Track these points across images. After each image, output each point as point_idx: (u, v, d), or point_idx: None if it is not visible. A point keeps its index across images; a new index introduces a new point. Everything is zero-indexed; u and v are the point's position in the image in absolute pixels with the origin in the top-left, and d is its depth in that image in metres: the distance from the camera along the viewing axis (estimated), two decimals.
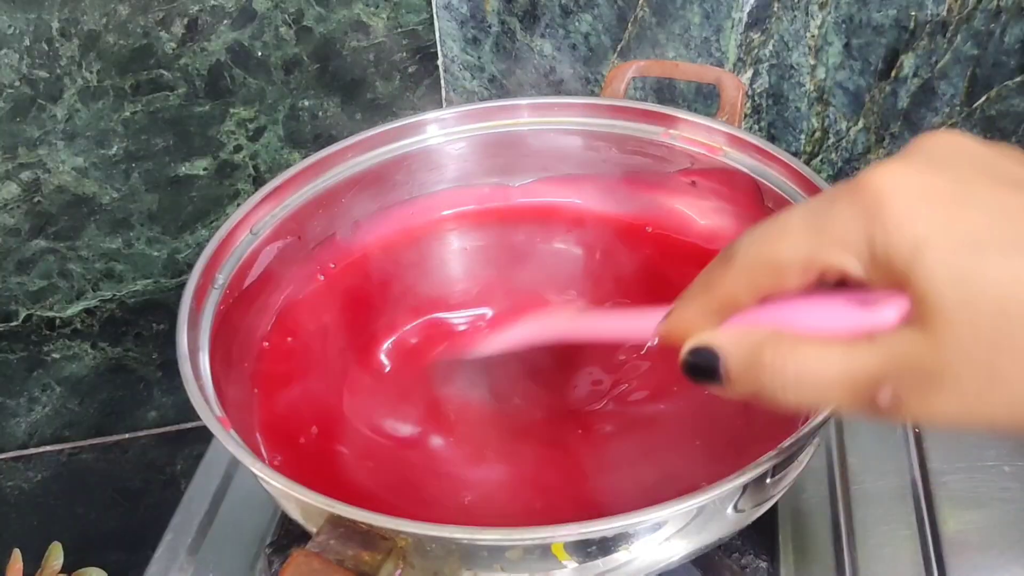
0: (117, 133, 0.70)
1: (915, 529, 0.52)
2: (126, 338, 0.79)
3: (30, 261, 0.73)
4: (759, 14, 0.69)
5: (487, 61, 0.74)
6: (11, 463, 0.81)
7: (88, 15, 0.65)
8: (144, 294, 0.77)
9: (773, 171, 0.55)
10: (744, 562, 0.48)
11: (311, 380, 0.53)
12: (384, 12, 0.70)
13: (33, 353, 0.77)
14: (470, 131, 0.62)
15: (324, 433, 0.50)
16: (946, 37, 0.69)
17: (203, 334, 0.48)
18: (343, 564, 0.35)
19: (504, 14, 0.71)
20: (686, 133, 0.58)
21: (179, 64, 0.69)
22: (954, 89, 0.71)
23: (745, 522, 0.42)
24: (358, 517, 0.37)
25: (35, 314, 0.75)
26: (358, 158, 0.59)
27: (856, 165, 0.76)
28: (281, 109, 0.72)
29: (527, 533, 0.37)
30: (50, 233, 0.72)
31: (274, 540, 0.54)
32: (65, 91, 0.67)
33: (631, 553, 0.39)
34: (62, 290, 0.75)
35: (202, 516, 0.57)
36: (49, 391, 0.79)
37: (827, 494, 0.55)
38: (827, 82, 0.72)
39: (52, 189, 0.71)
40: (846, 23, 0.69)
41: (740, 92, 0.58)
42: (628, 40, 0.71)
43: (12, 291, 0.74)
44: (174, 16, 0.67)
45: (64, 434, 0.82)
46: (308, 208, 0.57)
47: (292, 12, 0.68)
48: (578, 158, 0.62)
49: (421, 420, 0.50)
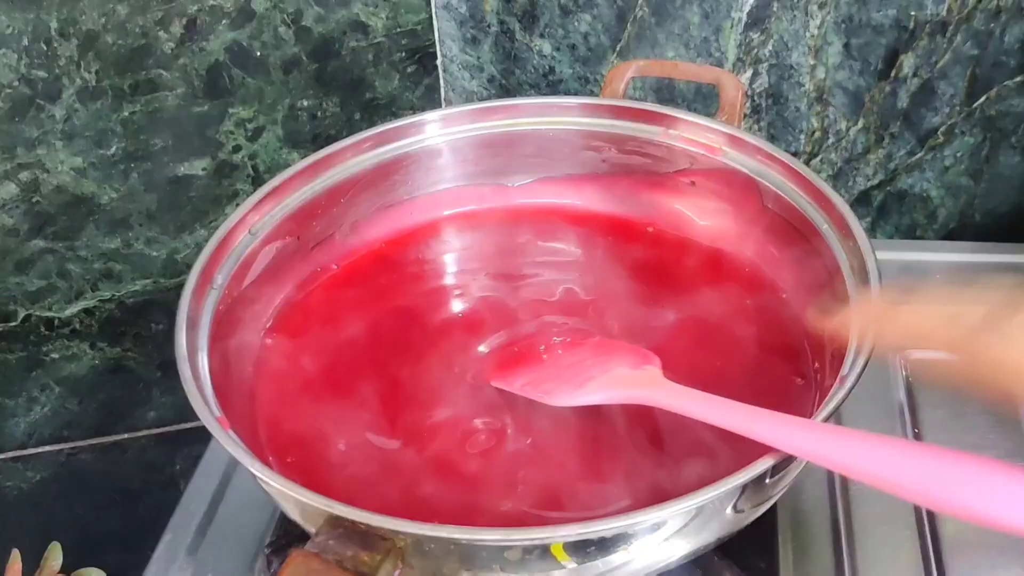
0: (116, 133, 0.70)
1: (915, 529, 0.52)
2: (125, 338, 0.79)
3: (29, 261, 0.73)
4: (758, 14, 0.69)
5: (486, 61, 0.73)
6: (10, 463, 0.81)
7: (86, 15, 0.65)
8: (143, 294, 0.77)
9: (772, 171, 0.55)
10: (744, 562, 0.48)
11: (311, 380, 0.53)
12: (383, 12, 0.70)
13: (32, 353, 0.77)
14: (469, 131, 0.62)
15: (325, 433, 0.50)
16: (946, 37, 0.69)
17: (202, 334, 0.48)
18: (342, 564, 0.35)
19: (503, 14, 0.71)
20: (685, 133, 0.58)
21: (178, 64, 0.69)
22: (954, 89, 0.71)
23: (744, 522, 0.42)
24: (357, 517, 0.37)
25: (34, 314, 0.75)
26: (357, 158, 0.59)
27: (856, 165, 0.76)
28: (280, 109, 0.72)
29: (526, 533, 0.37)
30: (49, 233, 0.72)
31: (273, 540, 0.54)
32: (64, 91, 0.67)
33: (630, 553, 0.39)
34: (61, 290, 0.75)
35: (201, 516, 0.57)
36: (48, 391, 0.79)
37: (827, 494, 0.54)
38: (827, 82, 0.72)
39: (51, 189, 0.71)
40: (846, 23, 0.69)
41: (739, 92, 0.58)
42: (627, 40, 0.71)
43: (11, 291, 0.74)
44: (172, 16, 0.67)
45: (63, 434, 0.82)
46: (307, 208, 0.57)
47: (291, 12, 0.68)
48: (577, 158, 0.62)
49: (422, 421, 0.50)
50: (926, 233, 0.79)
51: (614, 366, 0.48)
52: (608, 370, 0.48)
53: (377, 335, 0.56)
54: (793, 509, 0.54)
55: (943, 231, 0.78)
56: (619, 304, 0.56)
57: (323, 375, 0.53)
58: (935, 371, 0.38)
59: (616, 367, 0.48)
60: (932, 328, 0.38)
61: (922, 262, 0.71)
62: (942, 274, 0.70)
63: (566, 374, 0.49)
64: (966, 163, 0.75)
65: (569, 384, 0.48)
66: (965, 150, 0.74)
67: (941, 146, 0.74)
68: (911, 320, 0.40)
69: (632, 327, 0.54)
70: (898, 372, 0.62)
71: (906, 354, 0.63)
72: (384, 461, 0.48)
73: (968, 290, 0.37)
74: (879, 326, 0.42)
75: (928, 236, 0.79)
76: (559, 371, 0.49)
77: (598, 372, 0.48)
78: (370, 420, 0.50)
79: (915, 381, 0.61)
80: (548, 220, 0.63)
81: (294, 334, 0.56)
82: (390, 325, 0.56)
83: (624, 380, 0.47)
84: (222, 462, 0.60)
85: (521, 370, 0.51)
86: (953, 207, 0.77)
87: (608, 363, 0.49)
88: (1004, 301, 0.34)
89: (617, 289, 0.57)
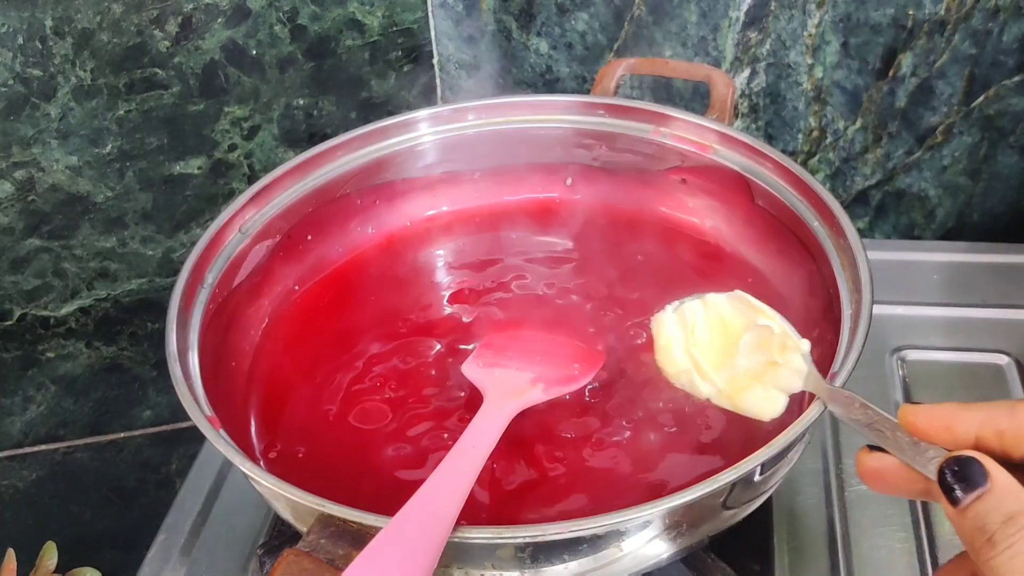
0: (111, 132, 0.70)
1: (910, 531, 0.52)
2: (121, 337, 0.79)
3: (24, 260, 0.73)
4: (756, 13, 0.69)
5: (483, 60, 0.73)
6: (5, 462, 0.81)
7: (82, 13, 0.65)
8: (138, 293, 0.77)
9: (763, 169, 0.55)
10: (738, 564, 0.48)
11: (304, 379, 0.53)
12: (379, 10, 0.70)
13: (27, 352, 0.77)
14: (461, 129, 0.62)
15: (317, 432, 0.50)
16: (944, 36, 0.69)
17: (192, 333, 0.48)
18: (334, 563, 0.35)
19: (500, 12, 0.71)
20: (676, 131, 0.58)
21: (173, 62, 0.68)
22: (952, 88, 0.71)
23: (736, 518, 0.42)
24: (348, 516, 0.36)
25: (29, 313, 0.75)
26: (348, 156, 0.59)
27: (854, 164, 0.75)
28: (276, 108, 0.72)
29: (518, 532, 0.37)
30: (44, 232, 0.72)
31: (267, 540, 0.54)
32: (59, 89, 0.67)
33: (622, 550, 0.38)
34: (56, 289, 0.75)
35: (195, 516, 0.57)
36: (44, 390, 0.79)
37: (822, 496, 0.54)
38: (825, 81, 0.72)
39: (46, 188, 0.70)
40: (844, 22, 0.69)
41: (730, 90, 0.58)
42: (624, 39, 0.71)
43: (6, 290, 0.74)
44: (168, 14, 0.67)
45: (59, 433, 0.81)
46: (298, 207, 0.57)
47: (287, 10, 0.68)
48: (569, 155, 0.62)
49: (417, 415, 0.50)
50: (924, 233, 0.79)
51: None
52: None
53: (369, 332, 0.55)
54: (788, 511, 0.53)
55: (941, 231, 0.78)
56: (608, 299, 0.56)
57: (315, 373, 0.53)
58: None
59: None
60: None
61: (920, 262, 0.71)
62: (940, 274, 0.70)
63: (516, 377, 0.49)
64: (964, 163, 0.74)
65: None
66: (963, 149, 0.74)
67: (939, 145, 0.74)
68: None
69: (619, 320, 0.54)
70: (895, 372, 0.62)
71: (903, 355, 0.63)
72: (381, 458, 0.48)
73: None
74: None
75: (926, 236, 0.79)
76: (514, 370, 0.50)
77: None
78: (364, 417, 0.50)
79: (912, 381, 0.61)
80: (539, 217, 0.63)
81: (286, 332, 0.56)
82: (382, 322, 0.56)
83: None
84: (216, 462, 0.60)
85: (492, 359, 0.51)
86: (951, 207, 0.77)
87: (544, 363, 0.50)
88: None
89: (607, 285, 0.57)
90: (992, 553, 0.30)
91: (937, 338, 0.64)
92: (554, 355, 0.51)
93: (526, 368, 0.49)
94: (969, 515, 0.31)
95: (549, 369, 0.50)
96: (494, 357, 0.51)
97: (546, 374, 0.49)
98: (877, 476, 0.35)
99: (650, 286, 0.55)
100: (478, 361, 0.50)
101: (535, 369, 0.49)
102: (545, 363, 0.50)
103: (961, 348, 0.63)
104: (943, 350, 0.63)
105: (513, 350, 0.51)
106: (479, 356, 0.51)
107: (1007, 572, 0.30)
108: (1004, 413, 0.33)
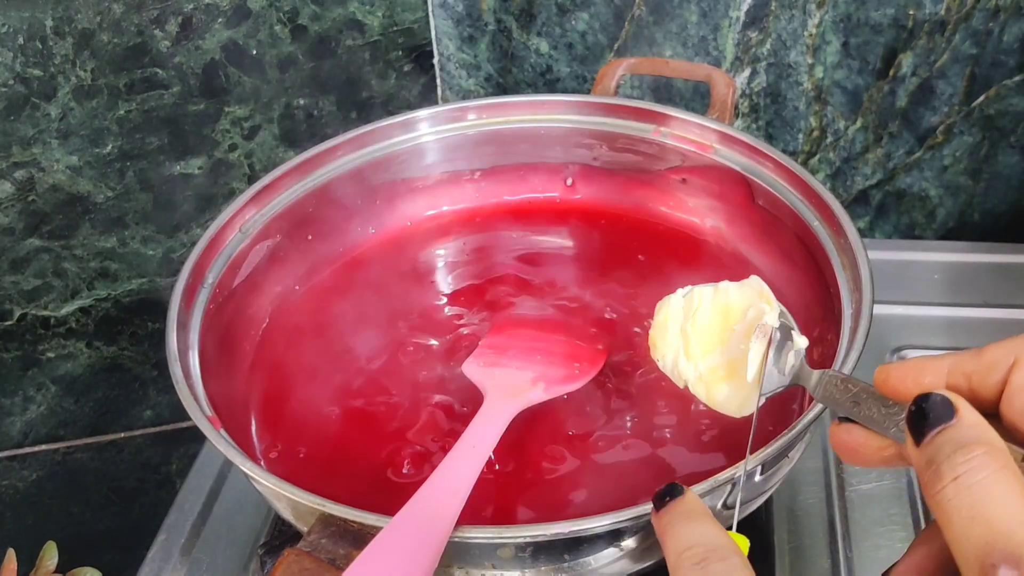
0: (111, 132, 0.70)
1: (911, 531, 0.52)
2: (121, 337, 0.79)
3: (24, 260, 0.73)
4: (757, 12, 0.69)
5: (483, 60, 0.73)
6: (6, 462, 0.81)
7: (82, 13, 0.65)
8: (139, 293, 0.77)
9: (764, 168, 0.55)
10: None
11: (305, 379, 0.53)
12: (379, 10, 0.70)
13: (28, 352, 0.77)
14: (460, 129, 0.62)
15: (319, 431, 0.50)
16: (944, 36, 0.69)
17: (193, 333, 0.48)
18: (335, 563, 0.35)
19: (500, 12, 0.71)
20: (677, 131, 0.58)
21: (173, 62, 0.68)
22: (953, 88, 0.71)
23: (737, 518, 0.42)
24: (349, 516, 0.36)
25: (30, 313, 0.75)
26: (348, 156, 0.59)
27: (854, 164, 0.75)
28: (276, 108, 0.72)
29: (518, 531, 0.37)
30: (44, 232, 0.72)
31: (267, 540, 0.54)
32: (59, 89, 0.67)
33: (622, 549, 0.38)
34: (57, 289, 0.75)
35: (195, 516, 0.57)
36: (44, 390, 0.79)
37: (823, 496, 0.54)
38: (825, 81, 0.72)
39: (46, 188, 0.71)
40: (844, 22, 0.69)
41: (731, 90, 0.58)
42: (625, 39, 0.71)
43: (6, 290, 0.74)
44: (168, 14, 0.67)
45: (59, 433, 0.81)
46: (298, 207, 0.57)
47: (287, 10, 0.68)
48: (569, 155, 0.62)
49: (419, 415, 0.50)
50: (925, 232, 0.79)
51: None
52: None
53: (369, 332, 0.55)
54: (789, 510, 0.53)
55: (942, 230, 0.78)
56: (608, 295, 0.56)
57: (316, 373, 0.53)
58: None
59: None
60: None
61: (920, 262, 0.71)
62: (940, 274, 0.70)
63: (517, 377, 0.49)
64: (965, 162, 0.74)
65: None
66: (964, 149, 0.74)
67: (940, 145, 0.74)
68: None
69: (619, 320, 0.54)
70: None
71: (904, 354, 0.63)
72: (381, 458, 0.48)
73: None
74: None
75: (927, 235, 0.79)
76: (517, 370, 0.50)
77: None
78: (364, 417, 0.50)
79: None
80: (539, 216, 0.63)
81: (287, 332, 0.56)
82: (382, 322, 0.56)
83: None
84: (217, 462, 0.60)
85: (492, 359, 0.51)
86: (952, 206, 0.77)
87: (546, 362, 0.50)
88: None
89: (607, 284, 0.57)
90: (939, 486, 0.26)
91: (938, 338, 0.64)
92: (554, 354, 0.51)
93: (526, 367, 0.49)
94: (925, 450, 0.27)
95: (549, 368, 0.50)
96: (494, 356, 0.51)
97: (546, 373, 0.49)
98: (850, 449, 0.34)
99: (650, 286, 0.55)
100: (478, 360, 0.50)
101: (535, 368, 0.49)
102: (545, 362, 0.50)
103: (962, 348, 0.63)
104: (944, 350, 0.63)
105: (513, 349, 0.51)
106: (479, 356, 0.51)
107: (952, 510, 0.26)
108: (970, 356, 0.32)
